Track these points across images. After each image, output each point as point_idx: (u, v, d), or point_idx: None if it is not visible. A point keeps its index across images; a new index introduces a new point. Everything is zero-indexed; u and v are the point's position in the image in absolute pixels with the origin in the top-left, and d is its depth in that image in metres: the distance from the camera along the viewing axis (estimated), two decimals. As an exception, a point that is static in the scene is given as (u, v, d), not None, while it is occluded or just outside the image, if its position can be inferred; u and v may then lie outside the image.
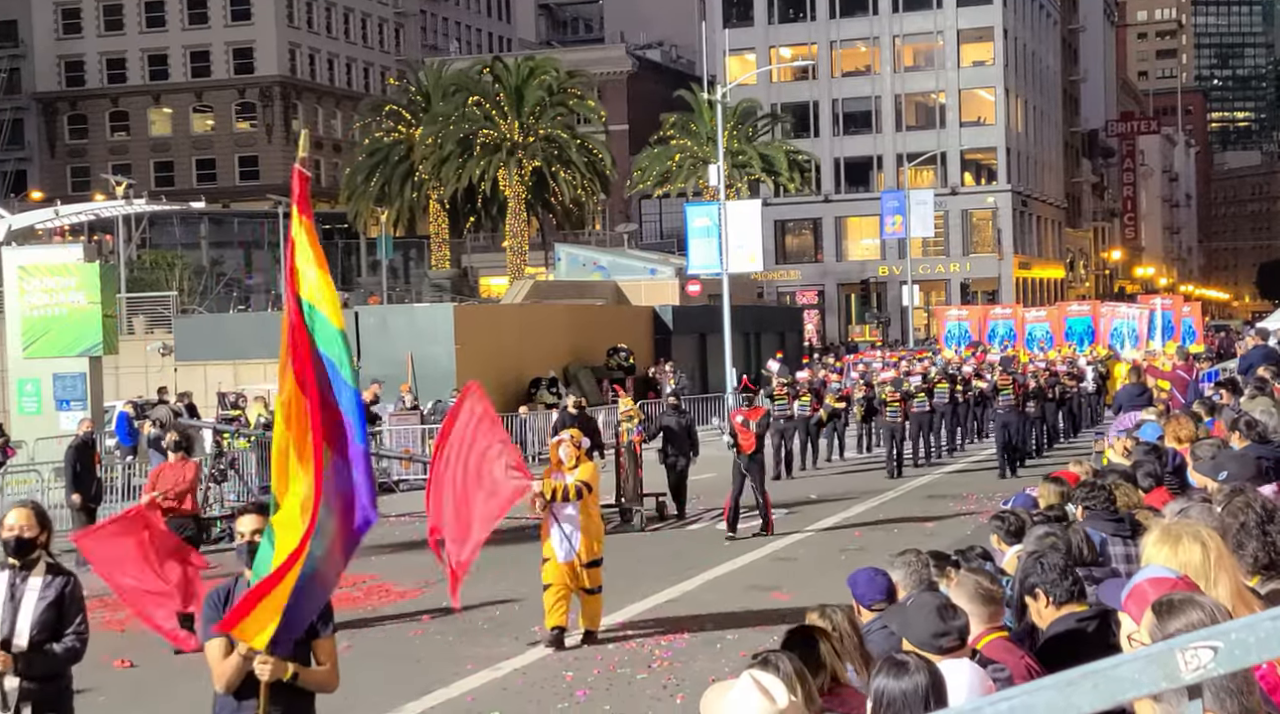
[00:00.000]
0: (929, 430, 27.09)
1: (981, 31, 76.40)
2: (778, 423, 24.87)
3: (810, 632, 4.67)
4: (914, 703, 3.57)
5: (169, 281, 47.20)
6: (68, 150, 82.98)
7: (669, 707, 10.07)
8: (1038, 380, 27.56)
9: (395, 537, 18.73)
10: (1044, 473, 10.07)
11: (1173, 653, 2.01)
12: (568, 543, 12.38)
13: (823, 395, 27.67)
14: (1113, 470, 8.67)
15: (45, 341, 25.96)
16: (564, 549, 12.38)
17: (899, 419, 25.09)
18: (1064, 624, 5.20)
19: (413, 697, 10.84)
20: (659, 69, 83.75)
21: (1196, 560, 3.77)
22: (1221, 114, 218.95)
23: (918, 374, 28.48)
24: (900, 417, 25.12)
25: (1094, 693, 2.00)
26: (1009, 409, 24.80)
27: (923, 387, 27.07)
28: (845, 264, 76.71)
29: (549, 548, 12.49)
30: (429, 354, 32.00)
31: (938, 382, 28.14)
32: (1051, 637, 5.17)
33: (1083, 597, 5.27)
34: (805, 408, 26.64)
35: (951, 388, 28.28)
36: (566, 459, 12.69)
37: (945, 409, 27.97)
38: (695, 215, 45.05)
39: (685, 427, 20.66)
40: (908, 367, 34.98)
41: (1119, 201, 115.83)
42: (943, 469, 26.14)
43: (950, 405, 28.29)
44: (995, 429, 25.56)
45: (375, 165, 60.64)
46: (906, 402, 25.51)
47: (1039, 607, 5.32)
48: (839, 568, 13.75)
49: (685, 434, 20.42)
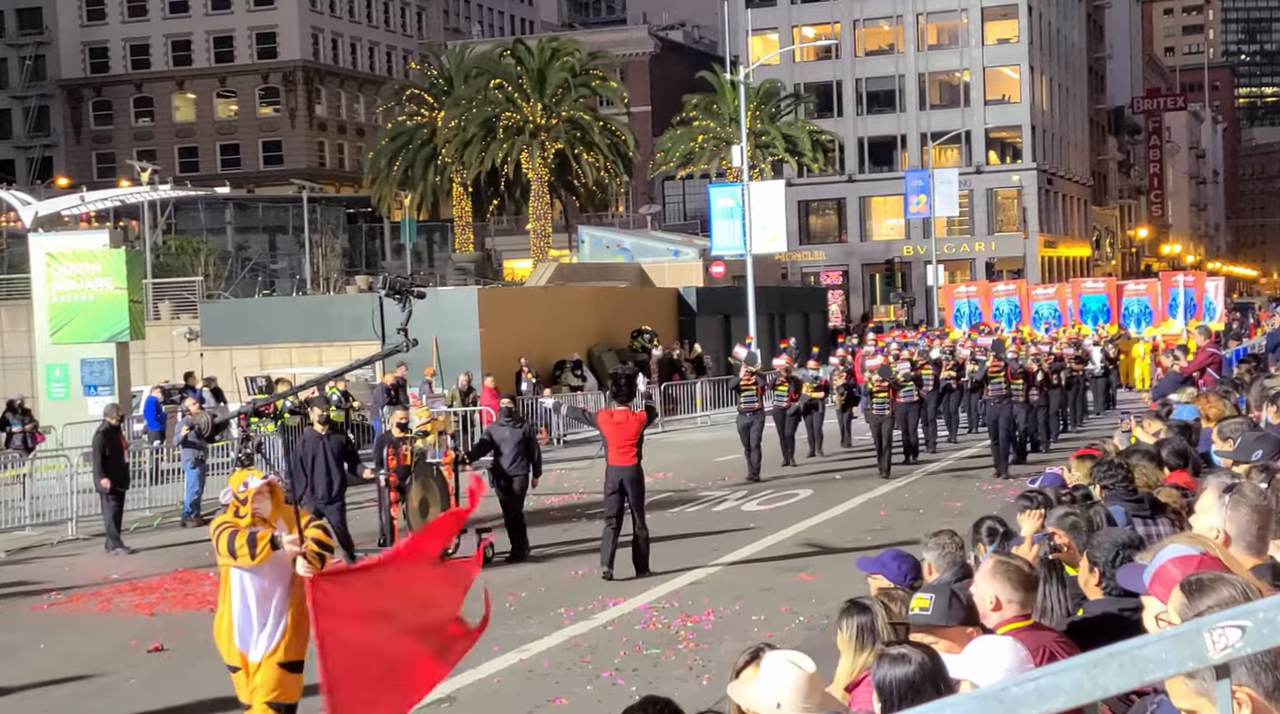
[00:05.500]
0: (917, 421, 24.45)
1: (1006, 9, 75.87)
2: (744, 417, 22.66)
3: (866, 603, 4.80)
4: (921, 688, 3.62)
5: (194, 267, 47.41)
6: (93, 136, 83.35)
7: (695, 688, 10.09)
8: (1039, 364, 24.69)
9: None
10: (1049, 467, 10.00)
11: (1200, 633, 2.00)
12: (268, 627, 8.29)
13: (801, 383, 24.99)
14: (1138, 450, 8.63)
15: (72, 327, 26.12)
16: (265, 636, 8.33)
17: (886, 411, 22.37)
18: (1104, 605, 5.19)
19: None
20: (681, 50, 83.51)
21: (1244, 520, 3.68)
22: (1249, 89, 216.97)
23: (906, 360, 25.67)
24: (888, 408, 22.43)
25: (1120, 673, 1.99)
26: (999, 399, 22.18)
27: (911, 374, 24.12)
28: (869, 244, 76.43)
29: (230, 643, 8.38)
30: (453, 337, 32.06)
31: (922, 367, 25.65)
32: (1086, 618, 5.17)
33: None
34: (782, 398, 24.37)
35: (936, 374, 26.22)
36: (268, 512, 8.42)
37: (931, 398, 25.63)
38: (718, 196, 44.97)
39: (523, 439, 16.28)
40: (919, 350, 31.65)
41: (1145, 179, 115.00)
42: (953, 456, 24.64)
43: (936, 392, 26.08)
44: (987, 422, 23.15)
45: (398, 149, 60.73)
46: (896, 391, 22.86)
47: (1091, 580, 5.33)
48: (865, 549, 13.74)
49: (524, 448, 16.19)
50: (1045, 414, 25.10)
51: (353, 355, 32.51)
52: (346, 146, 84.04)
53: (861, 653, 4.75)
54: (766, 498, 20.39)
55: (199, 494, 20.27)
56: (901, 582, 5.57)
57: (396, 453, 16.16)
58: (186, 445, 20.62)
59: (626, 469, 14.46)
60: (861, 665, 4.71)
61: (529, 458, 16.16)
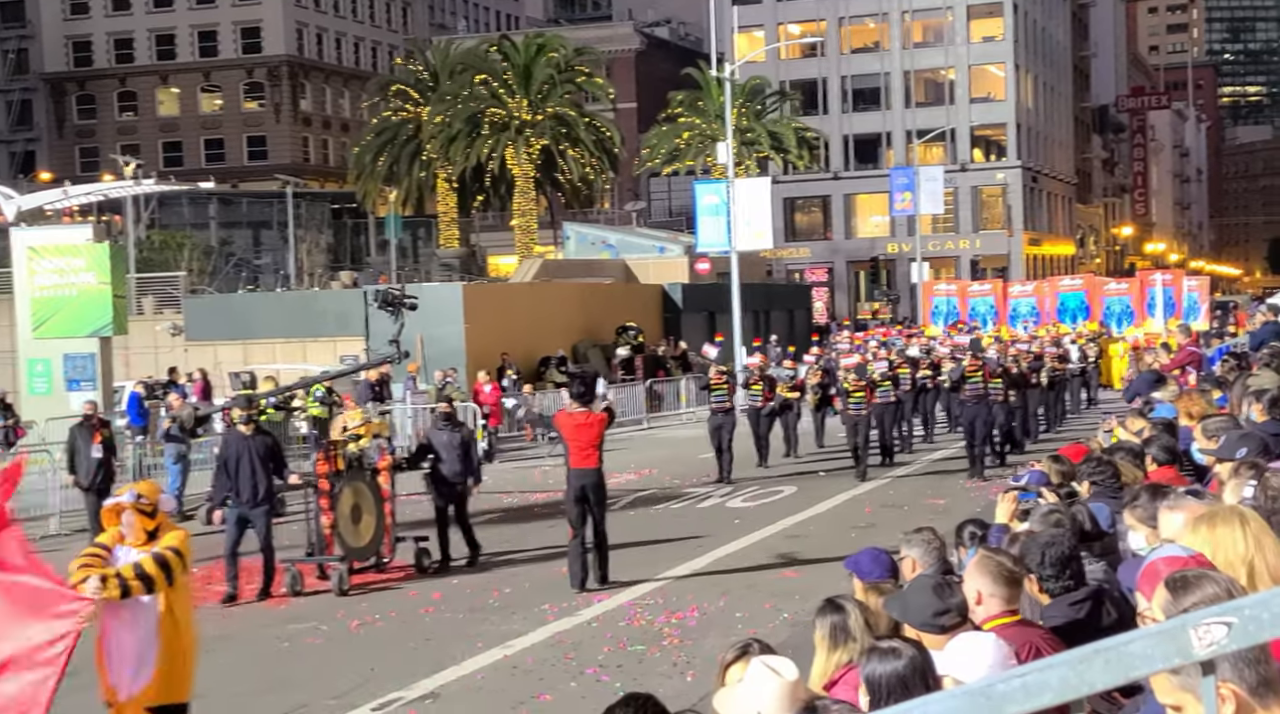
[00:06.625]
0: (894, 422, 23.92)
1: (991, 7, 76.06)
2: (715, 417, 22.12)
3: (840, 602, 4.82)
4: (911, 683, 3.62)
5: (178, 262, 47.23)
6: (76, 131, 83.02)
7: (680, 684, 10.09)
8: (1018, 364, 24.45)
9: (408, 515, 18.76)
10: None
11: (1185, 629, 2.00)
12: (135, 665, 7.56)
13: (775, 383, 24.67)
14: (1121, 448, 8.67)
15: (55, 322, 26.01)
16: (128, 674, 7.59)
17: (863, 411, 21.86)
18: (1058, 610, 5.22)
19: (424, 674, 10.88)
20: (667, 47, 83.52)
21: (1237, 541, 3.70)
22: (1233, 89, 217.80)
23: (883, 359, 25.06)
24: (864, 408, 21.90)
25: (1106, 669, 1.99)
26: (977, 399, 21.74)
27: (888, 374, 23.47)
28: (854, 241, 76.54)
29: (104, 676, 7.66)
30: (438, 334, 32.01)
31: (900, 366, 25.35)
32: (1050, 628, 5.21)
33: (1079, 588, 5.28)
34: (756, 398, 23.89)
35: (913, 373, 25.88)
36: (130, 533, 7.66)
37: (908, 397, 25.29)
38: (704, 193, 44.94)
39: (461, 443, 15.79)
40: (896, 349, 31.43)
41: (1129, 177, 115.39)
42: (927, 457, 24.41)
43: (913, 392, 25.77)
44: (964, 423, 22.55)
45: (383, 145, 60.62)
46: (872, 391, 22.26)
47: (1033, 589, 5.37)
48: (850, 545, 13.75)
49: (462, 453, 15.73)
50: (1024, 414, 24.71)
51: (337, 351, 32.54)
52: (331, 142, 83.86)
53: (834, 651, 4.79)
54: (751, 495, 20.41)
55: (182, 489, 20.20)
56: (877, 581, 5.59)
57: (328, 457, 14.80)
58: (169, 439, 20.54)
59: (589, 473, 13.91)
60: (836, 664, 4.74)
61: (468, 462, 15.73)
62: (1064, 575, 5.26)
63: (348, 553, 14.57)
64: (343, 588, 14.15)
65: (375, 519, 14.96)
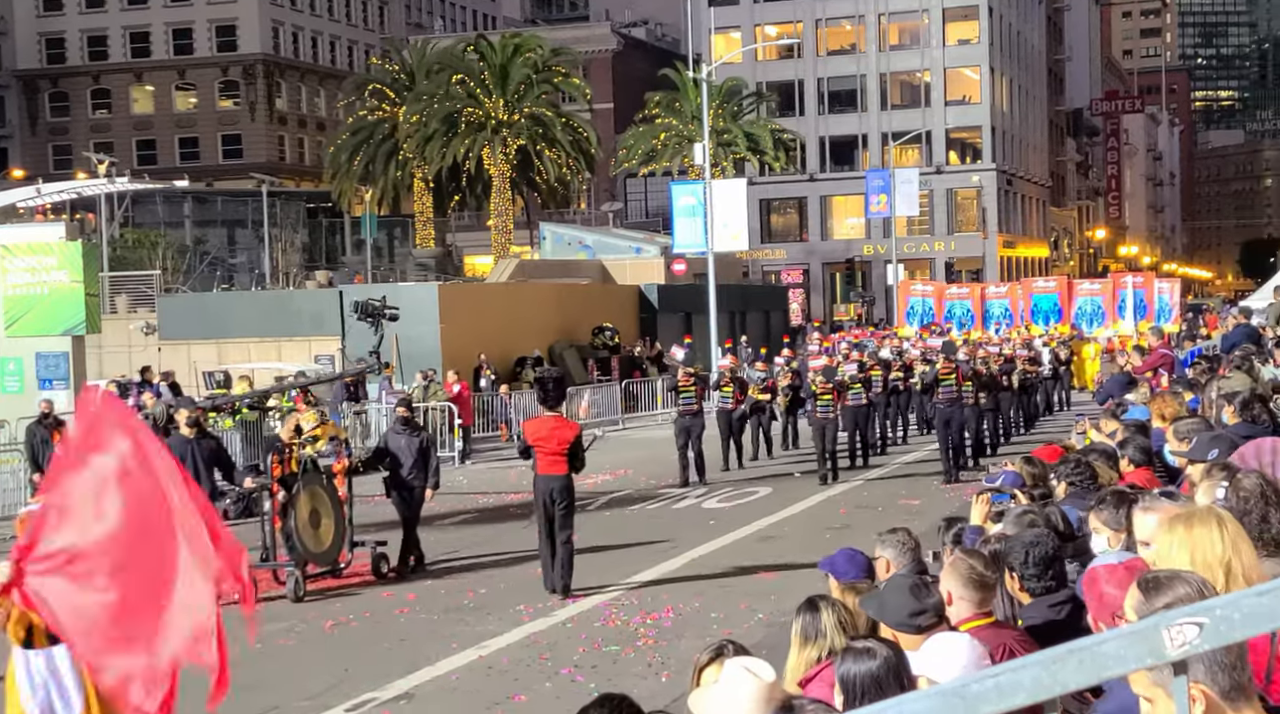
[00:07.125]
0: (866, 424, 23.65)
1: (967, 10, 76.32)
2: (683, 420, 21.95)
3: (817, 601, 4.86)
4: (884, 683, 3.63)
5: (152, 260, 46.97)
6: (49, 128, 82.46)
7: (655, 685, 10.09)
8: (988, 366, 24.42)
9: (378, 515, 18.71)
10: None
11: (1158, 629, 2.01)
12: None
13: (747, 385, 24.50)
14: (1094, 450, 8.71)
15: (27, 321, 25.82)
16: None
17: (830, 414, 21.36)
18: (1037, 611, 5.25)
19: (399, 675, 10.85)
20: (644, 47, 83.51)
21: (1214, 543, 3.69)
22: (1205, 93, 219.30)
23: (854, 361, 24.98)
24: (832, 411, 21.38)
25: (1079, 670, 2.01)
26: (951, 402, 21.46)
27: (859, 376, 23.27)
28: (830, 243, 76.71)
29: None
30: (414, 334, 31.91)
31: (871, 368, 25.20)
32: (1029, 627, 5.23)
33: (1060, 589, 5.31)
34: (727, 400, 23.51)
35: (886, 375, 25.74)
36: None
37: (880, 400, 25.16)
38: (680, 194, 44.96)
39: (420, 449, 15.54)
40: (868, 351, 31.62)
41: (1103, 180, 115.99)
42: (899, 460, 24.28)
43: (885, 395, 25.62)
44: (937, 426, 22.40)
45: (359, 144, 60.43)
46: (841, 394, 21.82)
47: (1014, 587, 5.40)
48: (824, 546, 13.77)
49: (421, 457, 15.51)
50: (995, 417, 24.70)
51: (312, 350, 32.43)
52: (307, 141, 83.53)
53: (805, 648, 4.84)
54: (726, 495, 20.44)
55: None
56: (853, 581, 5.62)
57: (282, 460, 14.32)
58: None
59: (557, 479, 13.58)
60: (806, 661, 4.77)
61: (426, 467, 15.46)
62: (1046, 576, 5.29)
63: (309, 558, 14.23)
64: (298, 594, 13.86)
65: (334, 523, 14.65)
